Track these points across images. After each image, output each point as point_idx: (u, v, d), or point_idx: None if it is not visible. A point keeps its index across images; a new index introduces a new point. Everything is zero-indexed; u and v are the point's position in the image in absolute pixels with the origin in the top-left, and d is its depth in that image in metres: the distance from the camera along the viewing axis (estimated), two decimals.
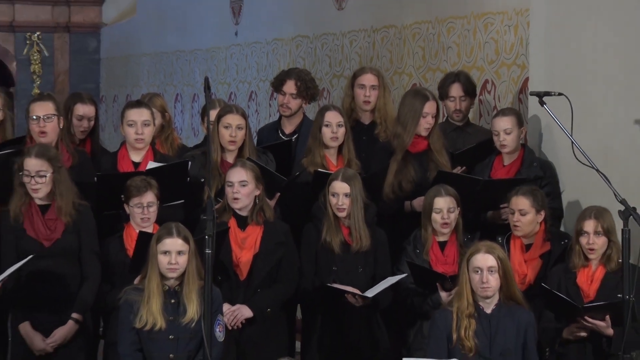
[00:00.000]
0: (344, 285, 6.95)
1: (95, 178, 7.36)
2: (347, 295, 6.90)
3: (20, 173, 6.92)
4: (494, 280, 6.31)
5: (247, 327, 6.94)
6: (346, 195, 7.03)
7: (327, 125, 7.58)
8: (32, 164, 6.90)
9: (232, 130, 7.50)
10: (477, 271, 6.32)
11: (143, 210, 6.95)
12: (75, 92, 9.26)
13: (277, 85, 8.46)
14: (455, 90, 7.95)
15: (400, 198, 7.56)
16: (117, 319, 6.61)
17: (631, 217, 6.14)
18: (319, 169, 7.49)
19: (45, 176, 6.92)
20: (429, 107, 7.58)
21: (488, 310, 6.37)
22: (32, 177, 6.89)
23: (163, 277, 6.38)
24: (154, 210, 6.99)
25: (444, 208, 6.94)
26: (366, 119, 8.09)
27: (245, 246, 7.05)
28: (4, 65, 14.07)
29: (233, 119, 7.54)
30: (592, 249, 6.58)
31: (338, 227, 7.11)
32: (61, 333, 6.94)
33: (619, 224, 6.37)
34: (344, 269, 7.09)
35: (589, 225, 6.56)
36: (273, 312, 7.10)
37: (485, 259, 6.31)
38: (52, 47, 14.19)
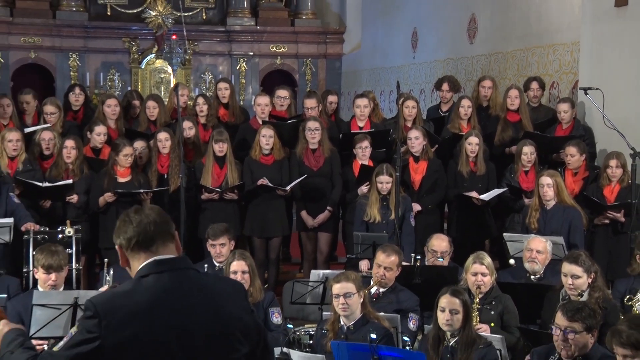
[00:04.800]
0: (471, 193, 6.91)
1: (340, 135, 7.49)
2: (472, 198, 6.87)
3: (305, 131, 7.06)
4: (550, 191, 6.22)
5: (418, 216, 6.87)
6: (477, 144, 6.98)
7: (462, 107, 7.49)
8: (313, 125, 7.02)
9: (409, 109, 7.50)
10: (542, 186, 6.25)
11: (363, 150, 7.00)
12: (325, 90, 9.49)
13: (438, 85, 8.32)
14: (534, 85, 7.72)
15: (504, 146, 7.45)
16: (354, 212, 6.70)
17: (637, 157, 6.14)
18: (454, 131, 7.43)
19: (319, 130, 7.02)
20: (512, 93, 7.46)
21: (548, 207, 6.27)
22: (312, 130, 7.01)
23: (379, 192, 6.46)
24: (369, 151, 7.01)
25: (528, 152, 6.81)
26: (484, 103, 7.92)
27: (417, 172, 7.07)
28: (292, 76, 14.11)
29: (410, 103, 7.53)
30: (614, 175, 6.41)
31: (467, 162, 7.03)
32: (321, 217, 7.07)
33: (629, 161, 6.31)
34: (471, 185, 7.00)
35: (613, 162, 6.41)
36: (432, 208, 7.11)
37: (545, 179, 6.25)
38: (317, 66, 14.15)
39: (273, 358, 2.84)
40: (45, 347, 4.23)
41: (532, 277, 5.56)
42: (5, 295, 4.99)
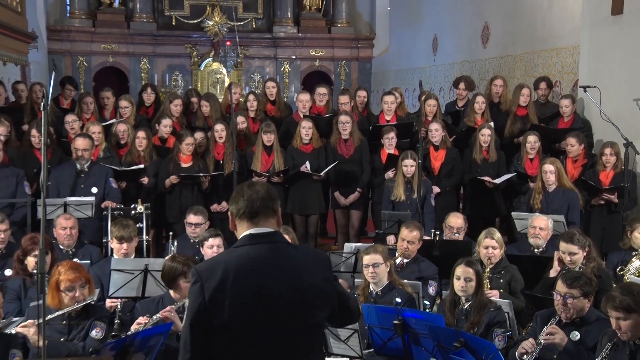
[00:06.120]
0: (484, 177, 6.81)
1: (370, 127, 7.43)
2: (485, 182, 6.79)
3: (337, 124, 6.97)
4: (552, 176, 6.12)
5: (438, 197, 6.70)
6: (489, 135, 6.89)
7: (477, 103, 7.40)
8: (344, 118, 6.96)
9: (430, 107, 7.41)
10: (545, 172, 6.15)
11: (389, 140, 6.94)
12: (359, 87, 9.40)
13: (456, 84, 8.25)
14: (542, 85, 7.58)
15: (513, 137, 7.32)
16: (382, 193, 6.65)
17: (629, 146, 6.02)
18: (470, 124, 7.32)
19: (349, 123, 6.97)
20: (524, 91, 7.33)
21: (550, 190, 6.16)
22: (343, 123, 6.96)
23: (404, 175, 6.38)
24: (395, 141, 6.95)
25: (532, 141, 6.71)
26: (495, 99, 7.78)
27: (437, 159, 6.99)
28: (328, 76, 14.08)
29: (431, 102, 7.46)
30: (609, 162, 6.29)
31: (481, 151, 6.93)
32: (351, 197, 7.05)
33: (622, 150, 6.19)
34: (483, 170, 6.90)
35: (608, 151, 6.29)
36: (450, 190, 7.01)
37: (548, 167, 6.14)
38: (350, 68, 14.13)
39: (356, 320, 2.84)
40: (119, 304, 4.36)
41: (536, 250, 5.51)
42: (88, 262, 5.10)
